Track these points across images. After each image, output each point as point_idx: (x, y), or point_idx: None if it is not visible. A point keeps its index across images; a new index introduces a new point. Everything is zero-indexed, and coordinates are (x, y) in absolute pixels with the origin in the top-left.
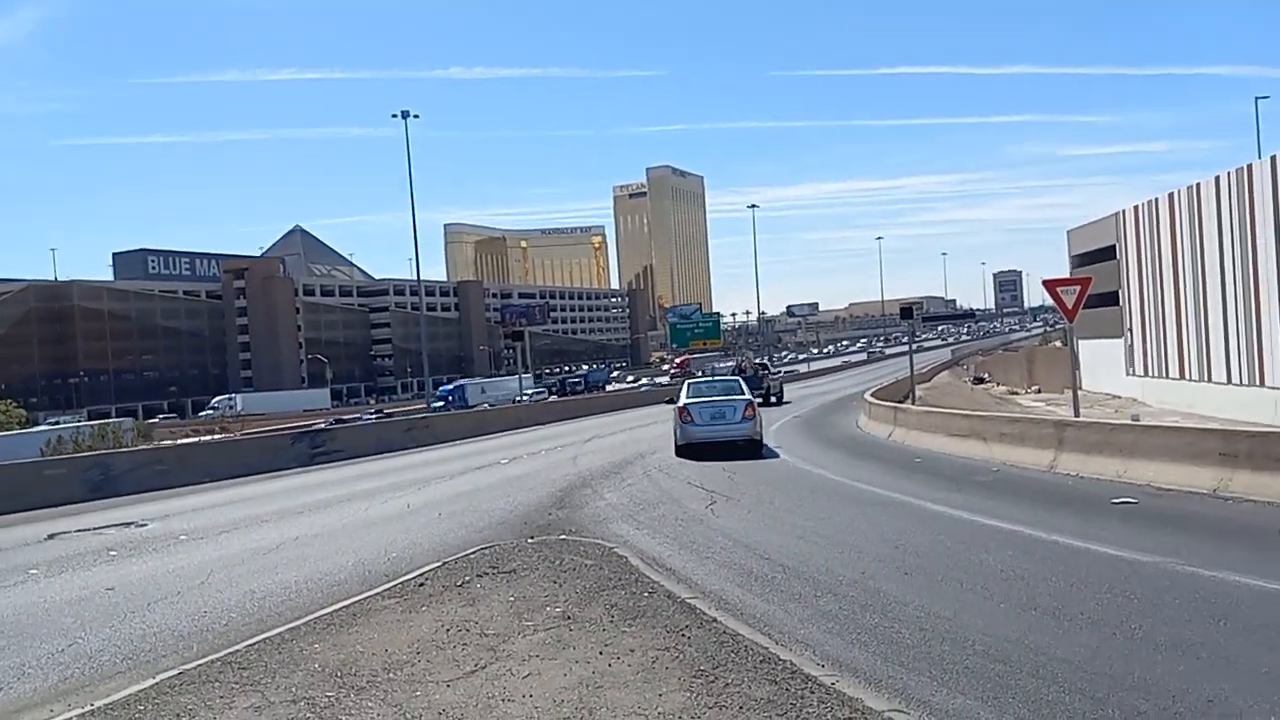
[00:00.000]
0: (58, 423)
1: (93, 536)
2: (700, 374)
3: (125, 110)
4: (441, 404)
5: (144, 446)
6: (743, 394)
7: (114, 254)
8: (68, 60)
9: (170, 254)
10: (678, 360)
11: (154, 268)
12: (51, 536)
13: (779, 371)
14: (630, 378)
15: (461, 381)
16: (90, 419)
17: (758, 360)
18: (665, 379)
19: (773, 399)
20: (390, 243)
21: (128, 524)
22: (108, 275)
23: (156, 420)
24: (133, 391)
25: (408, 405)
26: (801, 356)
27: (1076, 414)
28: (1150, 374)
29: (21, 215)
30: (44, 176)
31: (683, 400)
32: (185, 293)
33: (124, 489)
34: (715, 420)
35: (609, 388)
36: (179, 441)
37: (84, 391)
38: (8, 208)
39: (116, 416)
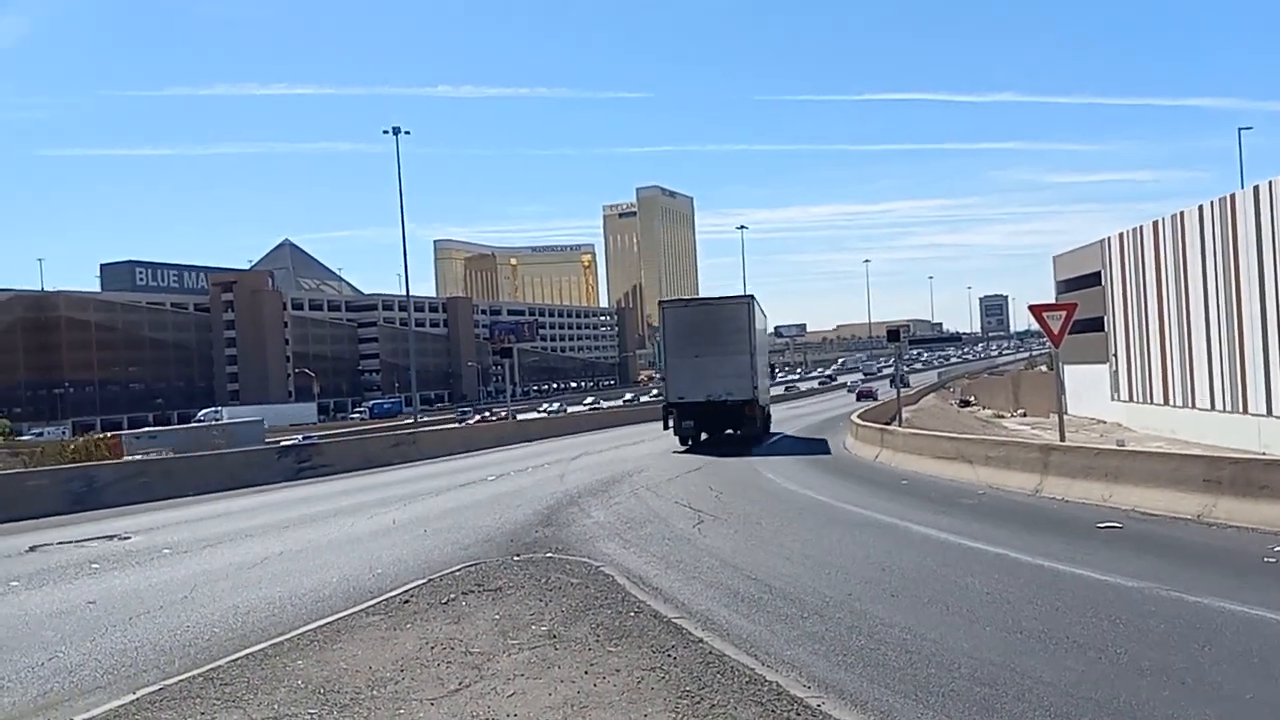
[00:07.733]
0: (41, 434)
1: (75, 549)
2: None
3: (116, 121)
4: None
5: (127, 459)
6: None
7: (102, 265)
8: (59, 69)
9: (159, 266)
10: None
11: (142, 280)
12: (33, 549)
13: None
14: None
15: None
16: (75, 431)
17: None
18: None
19: None
20: (380, 258)
21: (111, 537)
22: (95, 286)
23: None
24: (118, 403)
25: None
26: (792, 376)
27: (1062, 438)
28: (1135, 399)
29: (7, 223)
30: (32, 185)
31: None
32: (173, 305)
33: (108, 501)
34: None
35: None
36: (165, 455)
37: (68, 403)
38: None
39: (101, 429)
